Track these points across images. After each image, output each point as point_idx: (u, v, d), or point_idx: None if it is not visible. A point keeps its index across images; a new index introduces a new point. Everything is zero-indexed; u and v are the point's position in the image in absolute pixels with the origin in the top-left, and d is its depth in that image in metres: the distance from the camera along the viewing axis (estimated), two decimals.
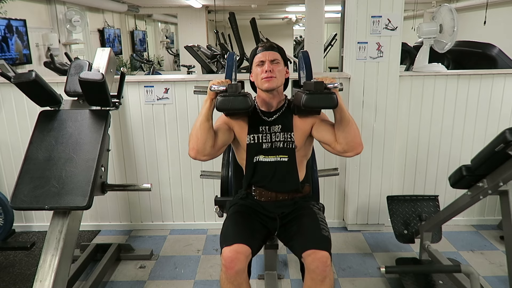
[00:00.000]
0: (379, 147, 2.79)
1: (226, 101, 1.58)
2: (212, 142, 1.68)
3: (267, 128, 1.79)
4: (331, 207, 3.01)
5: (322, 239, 1.62)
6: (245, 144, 1.79)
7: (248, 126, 1.79)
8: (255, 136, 1.78)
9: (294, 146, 1.77)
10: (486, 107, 2.83)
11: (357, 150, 1.69)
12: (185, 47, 5.89)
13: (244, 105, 1.58)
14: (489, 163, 1.74)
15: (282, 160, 1.77)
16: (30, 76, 2.05)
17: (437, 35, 2.84)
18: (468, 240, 2.82)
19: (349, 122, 1.66)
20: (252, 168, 1.79)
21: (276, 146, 1.78)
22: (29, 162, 2.04)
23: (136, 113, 2.81)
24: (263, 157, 1.78)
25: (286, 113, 1.81)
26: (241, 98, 1.58)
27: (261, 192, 1.82)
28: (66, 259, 1.96)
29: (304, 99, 1.55)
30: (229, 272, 1.55)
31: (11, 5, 4.71)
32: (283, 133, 1.78)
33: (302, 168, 1.85)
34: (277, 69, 1.75)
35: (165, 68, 10.94)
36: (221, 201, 2.02)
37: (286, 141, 1.77)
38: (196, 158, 1.70)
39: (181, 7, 9.56)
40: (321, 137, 1.75)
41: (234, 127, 1.80)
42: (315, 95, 1.55)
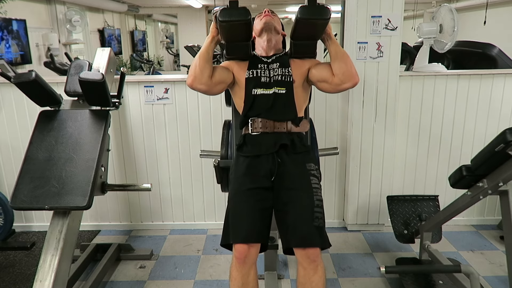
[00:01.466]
0: (379, 147, 2.79)
1: (227, 12, 1.66)
2: (209, 72, 1.77)
3: (266, 65, 1.88)
4: (331, 207, 3.01)
5: (313, 233, 1.60)
6: (244, 79, 1.85)
7: (248, 65, 1.89)
8: (253, 71, 1.86)
9: (292, 80, 1.84)
10: (486, 107, 2.83)
11: (354, 79, 1.76)
12: (185, 47, 5.90)
13: (244, 16, 1.66)
14: (489, 163, 1.74)
15: (280, 92, 1.82)
16: (30, 76, 2.05)
17: (437, 35, 2.84)
18: (468, 240, 2.82)
19: (344, 54, 1.77)
20: (250, 101, 1.83)
21: (274, 79, 1.84)
22: (29, 162, 2.05)
23: (136, 113, 2.81)
24: (261, 90, 1.83)
25: (284, 56, 1.92)
26: (241, 9, 1.66)
27: (259, 122, 1.81)
28: (66, 259, 1.96)
29: (299, 11, 1.65)
30: (240, 262, 1.61)
31: (11, 5, 4.71)
32: (281, 69, 1.86)
33: (300, 109, 1.87)
34: (275, 17, 1.90)
35: (165, 68, 10.95)
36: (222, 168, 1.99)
37: (284, 75, 1.84)
38: (193, 86, 1.78)
39: (181, 7, 9.57)
40: (318, 74, 1.82)
41: (233, 68, 1.89)
42: (309, 7, 1.67)
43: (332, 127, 2.86)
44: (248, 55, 1.90)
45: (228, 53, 1.90)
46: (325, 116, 2.83)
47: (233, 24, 1.68)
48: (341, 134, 2.88)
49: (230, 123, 2.15)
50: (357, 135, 2.77)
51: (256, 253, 1.64)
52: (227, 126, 2.15)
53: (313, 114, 2.75)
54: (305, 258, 1.60)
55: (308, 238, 1.60)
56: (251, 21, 1.72)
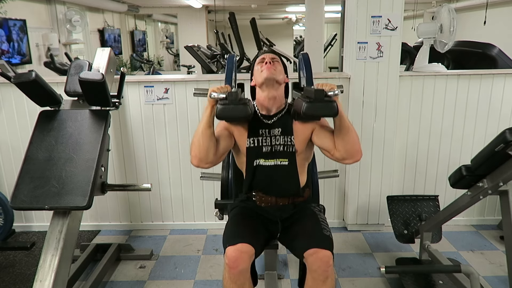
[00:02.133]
0: (379, 147, 2.79)
1: (226, 110, 1.58)
2: (214, 150, 1.68)
3: (267, 131, 1.78)
4: (331, 208, 3.01)
5: (324, 238, 1.62)
6: (245, 148, 1.78)
7: (248, 130, 1.78)
8: (255, 139, 1.77)
9: (295, 150, 1.76)
10: (486, 107, 2.83)
11: (356, 158, 1.69)
12: (185, 47, 5.89)
13: (244, 113, 1.58)
14: (489, 163, 1.74)
15: (282, 164, 1.76)
16: (30, 76, 2.05)
17: (437, 35, 2.84)
18: (468, 240, 2.82)
19: (349, 130, 1.66)
20: (252, 172, 1.79)
21: (276, 149, 1.77)
22: (29, 162, 2.04)
23: (136, 113, 2.81)
24: (263, 160, 1.77)
25: (286, 117, 1.80)
26: (241, 106, 1.58)
27: (261, 197, 1.82)
28: (66, 259, 1.96)
29: (305, 107, 1.54)
30: (232, 272, 1.55)
31: (11, 5, 4.71)
32: (283, 137, 1.77)
33: (303, 172, 1.84)
34: (277, 66, 1.77)
35: (165, 68, 10.95)
36: (222, 204, 2.01)
37: (286, 144, 1.76)
38: (199, 166, 1.70)
39: (181, 7, 9.57)
40: (321, 143, 1.75)
41: (234, 132, 1.79)
42: (315, 103, 1.54)
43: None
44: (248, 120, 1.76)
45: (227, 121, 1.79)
46: None
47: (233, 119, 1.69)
48: None
49: None
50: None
51: (249, 259, 1.58)
52: None
53: None
54: (318, 263, 1.55)
55: (320, 240, 1.60)
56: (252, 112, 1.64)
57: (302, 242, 1.63)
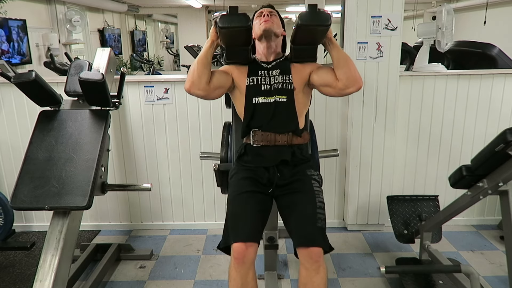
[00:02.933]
0: (379, 147, 2.79)
1: (227, 18, 1.65)
2: (207, 78, 1.75)
3: (266, 72, 1.86)
4: (331, 207, 3.01)
5: (316, 233, 1.62)
6: (244, 87, 1.83)
7: (248, 71, 1.86)
8: (254, 78, 1.84)
9: (293, 88, 1.82)
10: (486, 107, 2.83)
11: (359, 84, 1.75)
12: (185, 47, 5.91)
13: (244, 22, 1.65)
14: (489, 163, 1.74)
15: (281, 101, 1.81)
16: (30, 76, 2.05)
17: (436, 35, 2.84)
18: (468, 240, 2.82)
19: (347, 58, 1.75)
20: (251, 109, 1.82)
21: (275, 87, 1.82)
22: (29, 162, 2.05)
23: (136, 113, 2.81)
24: (262, 98, 1.82)
25: (285, 62, 1.90)
26: (242, 16, 1.65)
27: (260, 135, 1.81)
28: (66, 259, 1.96)
29: (300, 17, 1.64)
30: (238, 262, 1.60)
31: (11, 5, 4.71)
32: (281, 76, 1.84)
33: (301, 115, 1.86)
34: (274, 19, 1.85)
35: (165, 68, 10.95)
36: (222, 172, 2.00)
37: (284, 82, 1.82)
38: (191, 91, 1.76)
39: (181, 7, 9.58)
40: (321, 79, 1.81)
41: (233, 73, 1.87)
42: (310, 13, 1.66)
43: (332, 128, 2.86)
44: (248, 60, 1.88)
45: (227, 58, 1.89)
46: (325, 116, 2.83)
47: (233, 30, 1.68)
48: (341, 135, 2.88)
49: (230, 125, 2.15)
50: (357, 135, 2.77)
51: (254, 253, 1.64)
52: (227, 128, 2.15)
53: (313, 115, 2.75)
54: (307, 258, 1.60)
55: (311, 238, 1.61)
56: (251, 27, 1.72)
57: (294, 236, 1.65)
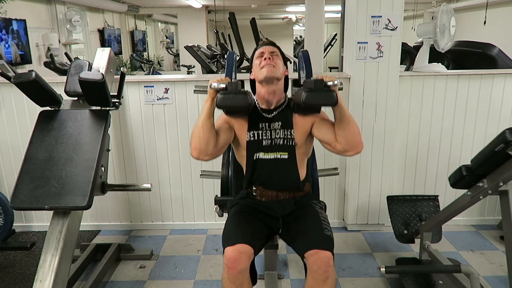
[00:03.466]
0: (379, 147, 2.79)
1: (226, 99, 1.58)
2: (214, 142, 1.67)
3: (267, 125, 1.78)
4: (331, 207, 3.01)
5: (325, 239, 1.62)
6: (245, 142, 1.78)
7: (248, 124, 1.78)
8: (255, 133, 1.77)
9: (294, 144, 1.76)
10: (486, 107, 2.83)
11: (357, 149, 1.69)
12: (185, 47, 5.90)
13: (244, 102, 1.59)
14: (489, 163, 1.74)
15: (282, 158, 1.77)
16: (30, 76, 2.05)
17: (434, 35, 2.83)
18: (468, 240, 2.82)
19: (349, 121, 1.66)
20: (252, 165, 1.79)
21: (276, 143, 1.77)
22: (29, 162, 2.05)
23: (136, 113, 2.81)
24: (263, 154, 1.77)
25: (286, 111, 1.80)
26: (242, 95, 1.59)
27: (262, 192, 1.81)
28: (66, 259, 1.96)
29: (304, 96, 1.55)
30: (231, 272, 1.55)
31: (11, 5, 4.71)
32: (283, 130, 1.77)
33: (303, 166, 1.84)
34: (276, 60, 1.75)
35: (165, 68, 10.94)
36: (222, 201, 2.01)
37: (286, 138, 1.77)
38: (199, 158, 1.69)
39: (181, 7, 9.57)
40: (322, 136, 1.74)
41: (234, 125, 1.79)
42: (315, 92, 1.56)
43: None
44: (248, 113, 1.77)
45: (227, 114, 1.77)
46: None
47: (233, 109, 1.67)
48: None
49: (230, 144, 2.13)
50: None
51: (248, 259, 1.58)
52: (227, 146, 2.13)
53: None
54: (318, 264, 1.54)
55: (321, 241, 1.60)
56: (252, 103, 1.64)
57: (303, 243, 1.63)
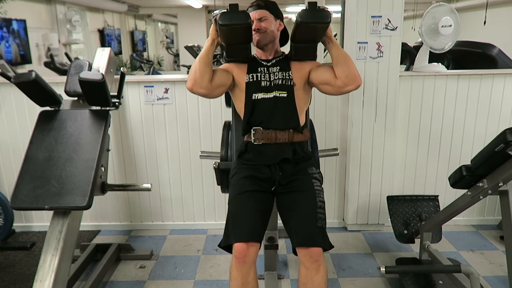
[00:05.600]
0: (379, 147, 2.79)
1: (227, 16, 1.65)
2: (209, 76, 1.75)
3: (266, 69, 1.87)
4: (331, 207, 3.01)
5: (316, 233, 1.63)
6: (244, 84, 1.84)
7: (247, 68, 1.87)
8: (253, 75, 1.85)
9: (293, 83, 1.82)
10: (486, 107, 2.83)
11: (357, 82, 1.75)
12: (185, 47, 5.91)
13: (244, 19, 1.65)
14: (489, 163, 1.74)
15: (281, 96, 1.81)
16: (30, 76, 2.05)
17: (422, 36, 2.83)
18: (468, 240, 2.82)
19: (346, 56, 1.76)
20: (251, 106, 1.82)
21: (275, 83, 1.83)
22: (29, 162, 2.05)
23: (136, 113, 2.81)
24: (262, 94, 1.82)
25: (284, 59, 1.90)
26: (241, 13, 1.66)
27: (260, 133, 1.81)
28: (66, 259, 1.96)
29: (300, 15, 1.65)
30: (239, 261, 1.61)
31: (11, 5, 4.71)
32: (281, 72, 1.85)
33: (302, 112, 1.87)
34: (266, 25, 1.82)
35: (165, 68, 10.95)
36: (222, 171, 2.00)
37: (284, 78, 1.83)
38: (193, 90, 1.76)
39: (181, 7, 9.58)
40: (320, 77, 1.81)
41: (233, 71, 1.87)
42: (309, 11, 1.66)
43: (332, 128, 2.86)
44: (248, 58, 1.88)
45: (227, 56, 1.89)
46: (325, 116, 2.83)
47: (233, 27, 1.68)
48: (341, 135, 2.88)
49: (230, 124, 2.15)
50: (357, 135, 2.77)
51: (256, 253, 1.65)
52: (227, 127, 2.15)
53: (313, 115, 2.75)
54: (307, 257, 1.61)
55: (311, 238, 1.62)
56: (251, 25, 1.72)
57: (294, 236, 1.66)
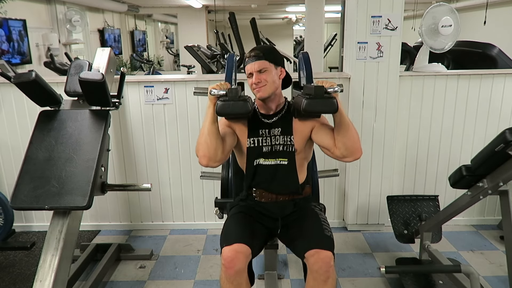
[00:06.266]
0: (379, 147, 2.79)
1: (226, 106, 1.57)
2: (222, 148, 1.66)
3: (267, 131, 1.79)
4: (331, 207, 3.01)
5: (325, 239, 1.63)
6: (246, 148, 1.79)
7: (248, 130, 1.79)
8: (255, 139, 1.78)
9: (294, 150, 1.77)
10: (486, 107, 2.83)
11: (356, 155, 1.69)
12: (185, 47, 5.89)
13: (244, 110, 1.58)
14: (489, 163, 1.74)
15: (282, 164, 1.78)
16: (30, 76, 2.05)
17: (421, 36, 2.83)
18: (468, 240, 2.82)
19: (349, 127, 1.66)
20: (252, 171, 1.80)
21: (276, 149, 1.78)
22: (29, 162, 2.04)
23: (136, 113, 2.81)
24: (263, 160, 1.78)
25: (286, 116, 1.80)
26: (241, 103, 1.58)
27: (262, 193, 1.82)
28: (66, 259, 1.96)
29: (305, 103, 1.54)
30: (228, 272, 1.55)
31: (11, 5, 4.71)
32: (283, 136, 1.78)
33: (303, 171, 1.85)
34: (266, 77, 1.71)
35: (165, 68, 10.95)
36: (222, 203, 2.02)
37: (286, 144, 1.77)
38: (208, 166, 1.68)
39: (181, 7, 9.57)
40: (320, 141, 1.74)
41: (235, 129, 1.80)
42: (315, 99, 1.55)
43: None
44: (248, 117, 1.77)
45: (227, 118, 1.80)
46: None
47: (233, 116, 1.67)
48: None
49: None
50: None
51: (245, 260, 1.58)
52: None
53: None
54: (319, 264, 1.55)
55: (322, 241, 1.61)
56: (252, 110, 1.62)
57: (303, 243, 1.63)
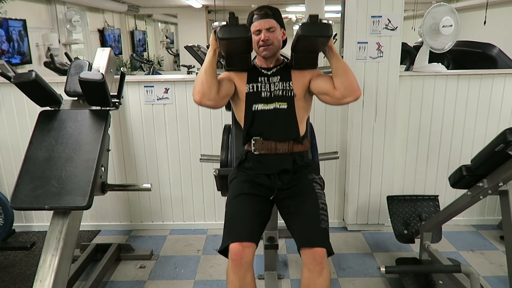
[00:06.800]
0: (379, 147, 2.79)
1: (227, 29, 1.64)
2: (216, 88, 1.73)
3: (266, 79, 1.84)
4: (331, 207, 3.01)
5: (320, 234, 1.63)
6: (244, 93, 1.83)
7: (247, 77, 1.85)
8: (254, 85, 1.83)
9: (293, 94, 1.81)
10: (486, 107, 2.83)
11: (356, 94, 1.73)
12: (185, 47, 5.89)
13: (244, 33, 1.65)
14: (489, 163, 1.74)
15: (281, 108, 1.80)
16: (30, 76, 2.05)
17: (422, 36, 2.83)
18: (468, 240, 2.82)
19: (345, 67, 1.73)
20: (251, 117, 1.82)
21: (275, 94, 1.82)
22: (29, 162, 2.05)
23: (136, 113, 2.81)
24: (262, 105, 1.81)
25: (285, 68, 1.88)
26: (241, 27, 1.65)
27: (261, 144, 1.81)
28: (66, 259, 1.96)
29: (301, 28, 1.64)
30: (235, 264, 1.59)
31: (11, 5, 4.71)
32: (282, 82, 1.83)
33: (302, 122, 1.86)
34: (274, 36, 1.80)
35: (165, 68, 10.95)
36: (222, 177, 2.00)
37: (285, 89, 1.82)
38: (201, 103, 1.74)
39: (181, 7, 9.58)
40: (319, 87, 1.79)
41: (234, 79, 1.85)
42: (311, 25, 1.65)
43: (332, 128, 2.86)
44: (248, 67, 1.86)
45: (227, 65, 1.86)
46: (324, 116, 2.83)
47: (233, 41, 1.68)
48: (341, 135, 2.88)
49: (230, 128, 2.15)
50: (357, 135, 2.77)
51: (252, 254, 1.62)
52: (227, 131, 2.14)
53: (313, 116, 2.75)
54: (311, 259, 1.59)
55: (315, 238, 1.62)
56: (251, 38, 1.70)
57: (298, 237, 1.65)
